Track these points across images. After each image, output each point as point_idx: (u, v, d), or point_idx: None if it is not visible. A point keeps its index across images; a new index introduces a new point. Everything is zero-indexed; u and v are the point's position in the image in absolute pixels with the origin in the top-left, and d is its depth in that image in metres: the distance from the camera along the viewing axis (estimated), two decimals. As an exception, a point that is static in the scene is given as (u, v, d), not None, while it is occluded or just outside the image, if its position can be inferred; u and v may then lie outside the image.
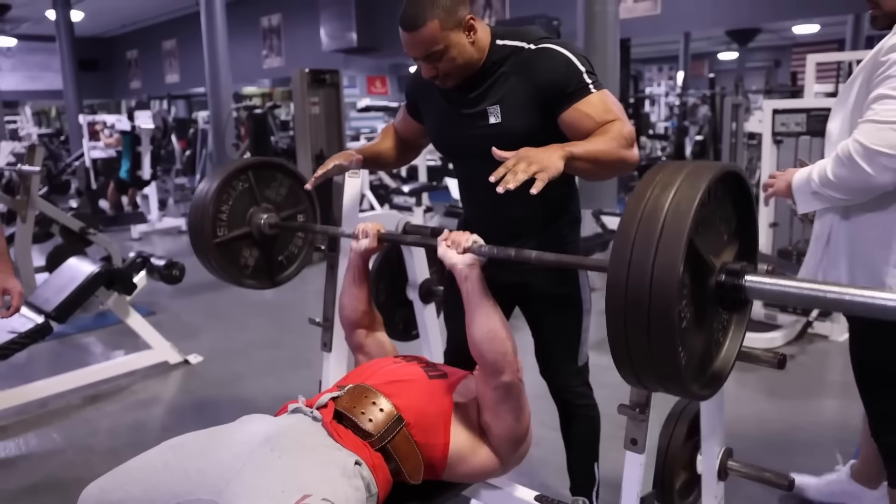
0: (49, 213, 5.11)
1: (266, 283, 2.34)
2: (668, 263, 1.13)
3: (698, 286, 1.26)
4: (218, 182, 2.14)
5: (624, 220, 1.21)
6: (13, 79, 19.09)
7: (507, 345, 1.63)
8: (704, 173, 1.22)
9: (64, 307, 3.43)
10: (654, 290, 1.14)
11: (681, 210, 1.16)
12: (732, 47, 17.35)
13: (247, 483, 1.38)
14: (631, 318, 1.18)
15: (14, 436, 3.22)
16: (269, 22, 14.62)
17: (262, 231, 2.24)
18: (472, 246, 1.68)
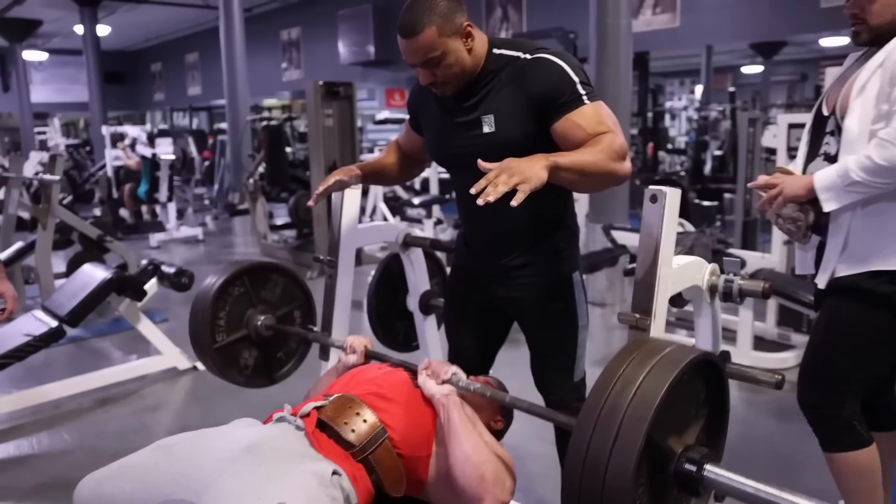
0: (68, 220, 5.22)
1: (265, 382, 2.39)
2: (622, 469, 1.14)
3: (657, 472, 1.25)
4: (215, 290, 2.20)
5: (583, 413, 1.23)
6: (44, 91, 19.49)
7: (483, 468, 1.58)
8: (670, 369, 1.22)
9: (76, 312, 3.51)
10: (605, 492, 1.15)
11: (638, 415, 1.16)
12: (757, 60, 17.13)
13: (225, 488, 1.42)
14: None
15: (28, 435, 3.31)
16: (288, 35, 14.80)
17: (259, 332, 2.29)
18: (450, 378, 1.72)
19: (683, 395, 1.28)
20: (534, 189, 1.49)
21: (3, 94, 19.33)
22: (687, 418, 1.32)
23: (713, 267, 1.76)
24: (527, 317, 2.01)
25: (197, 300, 2.23)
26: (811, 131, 2.04)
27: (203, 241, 8.97)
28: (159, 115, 22.50)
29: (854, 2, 1.87)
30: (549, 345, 1.99)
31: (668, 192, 1.51)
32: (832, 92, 1.98)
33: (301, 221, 7.70)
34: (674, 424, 1.27)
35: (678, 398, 1.25)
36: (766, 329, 4.28)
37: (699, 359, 1.29)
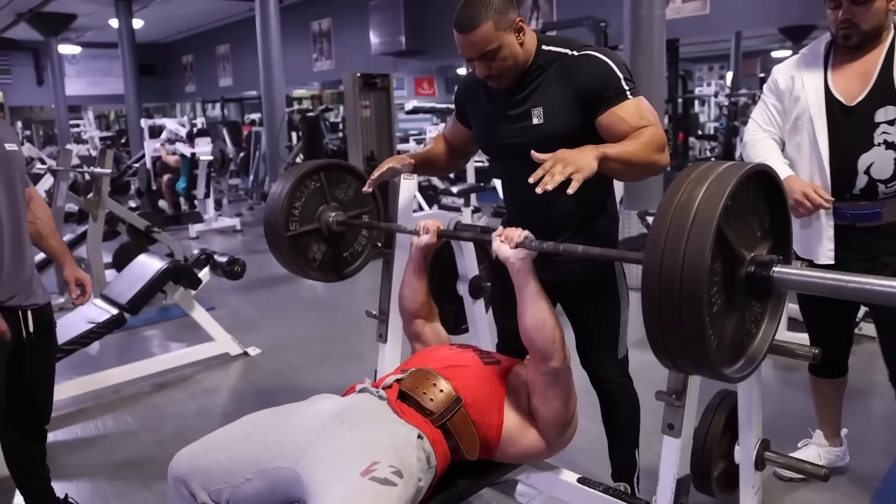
0: (117, 212, 5.40)
1: (332, 276, 2.48)
2: (699, 250, 1.23)
3: (729, 275, 1.35)
4: (292, 181, 2.30)
5: (659, 211, 1.32)
6: (77, 84, 19.84)
7: (555, 333, 1.74)
8: (735, 171, 1.32)
9: (136, 300, 3.67)
10: (685, 274, 1.23)
11: (711, 202, 1.26)
12: (786, 45, 16.93)
13: (321, 452, 1.54)
14: (664, 302, 1.27)
15: (93, 418, 3.48)
16: (319, 26, 14.92)
17: (330, 227, 2.38)
18: (523, 241, 1.80)
19: (748, 207, 1.39)
20: (586, 178, 1.61)
21: (38, 87, 19.71)
22: (753, 236, 1.43)
23: None
24: (571, 298, 2.12)
25: (274, 191, 2.32)
26: (829, 121, 2.18)
27: (241, 231, 9.16)
28: (189, 106, 22.75)
29: (846, 9, 2.11)
30: (594, 324, 2.11)
31: None
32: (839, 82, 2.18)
33: (337, 210, 7.82)
34: (743, 232, 1.38)
35: (743, 206, 1.36)
36: (796, 310, 4.32)
37: (759, 167, 1.41)
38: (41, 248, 2.51)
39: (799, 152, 2.28)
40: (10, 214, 2.18)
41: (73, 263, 2.52)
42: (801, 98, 2.24)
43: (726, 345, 1.39)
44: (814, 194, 2.14)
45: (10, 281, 2.16)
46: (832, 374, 2.58)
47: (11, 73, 19.56)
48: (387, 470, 1.47)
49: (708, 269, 1.23)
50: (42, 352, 2.34)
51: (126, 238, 5.77)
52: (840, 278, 1.35)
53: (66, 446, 3.18)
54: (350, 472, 1.47)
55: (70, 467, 2.98)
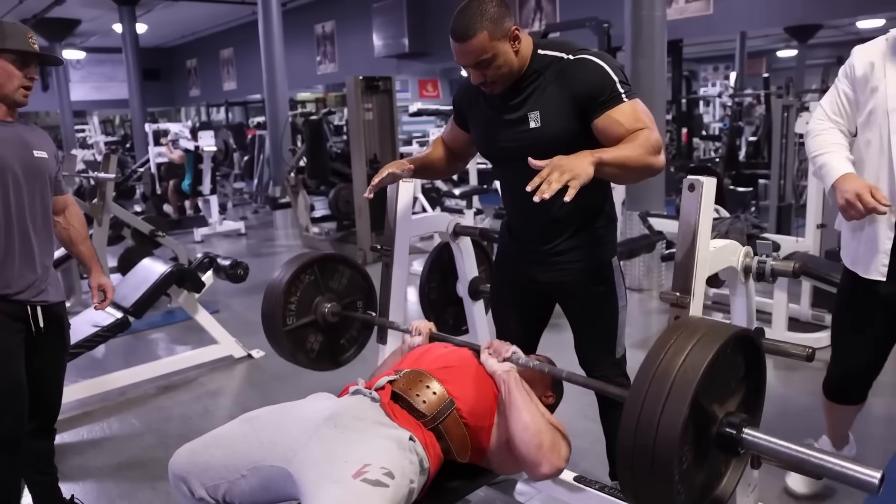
0: (122, 216, 5.44)
1: (329, 365, 2.54)
2: (672, 425, 1.26)
3: (700, 434, 1.37)
4: (289, 276, 2.35)
5: (639, 375, 1.35)
6: (82, 89, 19.89)
7: (541, 437, 1.73)
8: (715, 341, 1.34)
9: (141, 303, 3.71)
10: (658, 441, 1.27)
11: (688, 377, 1.29)
12: (791, 44, 16.88)
13: (314, 453, 1.57)
14: (637, 458, 1.31)
15: (99, 420, 3.52)
16: (322, 29, 14.96)
17: (326, 319, 2.43)
18: (510, 356, 1.87)
19: (725, 367, 1.40)
20: (583, 184, 1.62)
21: (43, 93, 19.79)
22: (728, 389, 1.44)
23: (747, 249, 1.90)
24: (569, 299, 2.15)
25: (271, 285, 2.37)
26: None
27: (245, 235, 9.21)
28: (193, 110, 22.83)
29: None
30: (592, 325, 2.13)
31: (705, 182, 1.67)
32: None
33: (341, 214, 7.87)
34: (716, 393, 1.39)
35: (721, 369, 1.37)
36: (800, 311, 4.36)
37: (741, 333, 1.42)
38: (72, 252, 2.65)
39: (868, 151, 2.03)
40: (27, 217, 2.27)
41: (100, 270, 2.62)
42: (880, 90, 1.97)
43: (695, 492, 1.41)
44: (868, 196, 1.89)
45: (19, 275, 2.24)
46: (850, 401, 2.42)
47: (18, 79, 19.62)
48: (378, 472, 1.50)
49: (679, 443, 1.27)
50: (52, 348, 2.40)
51: (131, 242, 5.81)
52: (805, 452, 1.37)
53: (72, 448, 3.22)
54: (342, 473, 1.49)
55: (76, 468, 3.02)
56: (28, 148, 2.28)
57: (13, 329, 2.23)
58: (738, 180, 8.39)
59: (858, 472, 1.29)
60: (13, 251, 2.23)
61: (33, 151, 2.29)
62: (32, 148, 2.29)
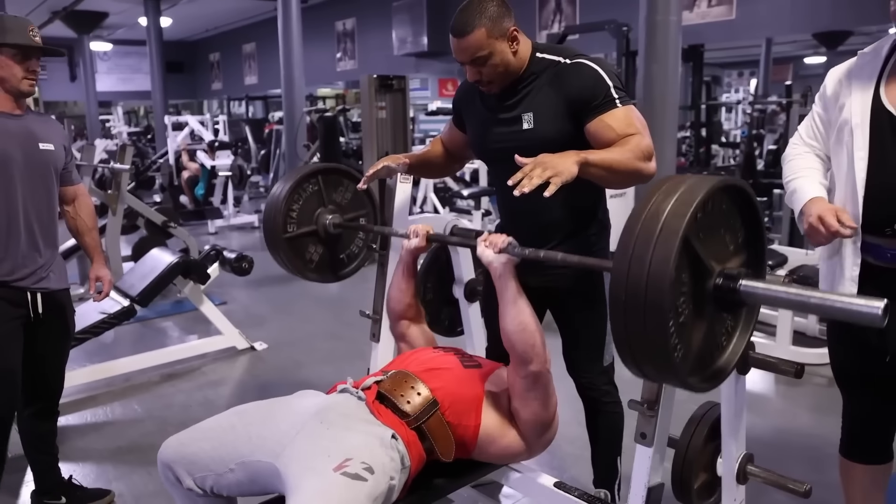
0: (136, 207, 5.52)
1: (328, 277, 2.54)
2: (664, 259, 1.26)
3: (698, 287, 1.36)
4: (291, 183, 2.35)
5: (629, 220, 1.34)
6: (108, 80, 20.18)
7: (535, 337, 1.78)
8: (705, 184, 1.34)
9: (147, 292, 3.78)
10: (650, 282, 1.26)
11: (679, 213, 1.29)
12: (820, 51, 16.61)
13: (299, 448, 1.61)
14: (630, 309, 1.29)
15: (103, 404, 3.61)
16: (343, 26, 15.03)
17: (327, 230, 2.43)
18: (506, 246, 1.85)
19: (720, 220, 1.41)
20: (565, 182, 1.64)
21: (71, 83, 20.07)
22: (725, 250, 1.44)
23: None
24: (559, 304, 2.16)
25: (273, 193, 2.39)
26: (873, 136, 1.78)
27: (258, 228, 9.27)
28: (216, 103, 23.00)
29: None
30: (580, 331, 2.14)
31: None
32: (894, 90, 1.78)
33: (353, 210, 7.90)
34: (713, 247, 1.39)
35: (715, 219, 1.38)
36: (807, 325, 4.31)
37: (733, 181, 1.43)
38: (78, 242, 2.70)
39: (838, 171, 1.86)
40: (30, 207, 2.32)
41: (101, 262, 2.67)
42: (846, 106, 1.83)
43: (693, 355, 1.40)
44: (831, 219, 1.73)
45: (21, 264, 2.30)
46: (871, 458, 2.03)
47: (46, 69, 19.83)
48: (358, 466, 1.52)
49: (672, 277, 1.25)
50: (54, 334, 2.46)
51: (145, 232, 5.89)
52: (803, 293, 1.35)
53: (75, 430, 3.31)
54: (324, 466, 1.52)
55: (78, 450, 3.09)
56: (34, 140, 2.33)
57: (10, 315, 2.29)
58: (754, 189, 8.28)
59: (860, 305, 1.25)
60: (16, 240, 2.29)
61: (39, 144, 2.34)
62: (38, 140, 2.34)
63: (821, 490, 1.95)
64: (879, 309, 1.22)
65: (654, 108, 5.35)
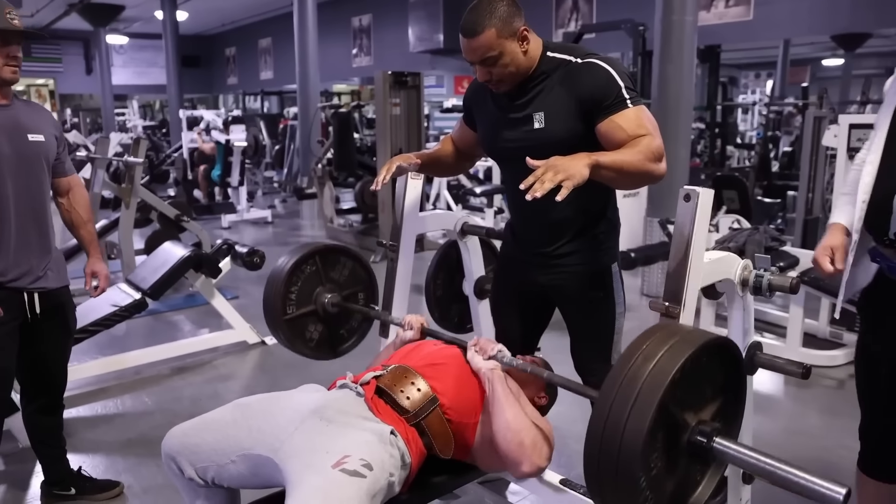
0: (149, 200, 5.55)
1: (327, 354, 2.55)
2: (637, 430, 1.26)
3: (671, 441, 1.36)
4: (289, 266, 2.37)
5: (607, 381, 1.35)
6: (123, 74, 20.31)
7: (521, 435, 1.75)
8: (685, 349, 1.33)
9: (158, 286, 3.80)
10: (622, 450, 1.27)
11: (656, 382, 1.29)
12: (838, 53, 16.45)
13: (298, 444, 1.62)
14: (603, 466, 1.31)
15: (113, 397, 3.63)
16: (359, 22, 15.05)
17: (325, 309, 2.45)
18: (496, 354, 1.88)
19: (699, 375, 1.39)
20: (577, 185, 1.62)
21: (87, 76, 20.21)
22: (703, 398, 1.42)
23: (746, 262, 1.88)
24: (568, 303, 2.15)
25: (272, 274, 2.41)
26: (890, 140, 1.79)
27: (272, 223, 9.32)
28: (231, 98, 23.09)
29: None
30: (588, 330, 2.13)
31: (702, 192, 1.63)
32: None
33: (366, 206, 7.93)
34: (690, 400, 1.38)
35: (695, 376, 1.36)
36: (818, 327, 4.29)
37: (716, 340, 1.40)
38: (74, 235, 2.63)
39: None
40: (21, 203, 2.25)
41: (97, 256, 2.61)
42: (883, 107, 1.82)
43: (665, 498, 1.39)
44: (822, 259, 1.89)
45: (14, 263, 2.24)
46: (890, 477, 1.96)
47: (62, 62, 20.07)
48: (357, 463, 1.53)
49: (643, 450, 1.26)
50: (54, 333, 2.43)
51: (158, 226, 5.92)
52: (773, 464, 1.35)
53: (85, 422, 3.33)
54: (323, 463, 1.53)
55: (88, 441, 3.12)
56: (22, 132, 2.25)
57: (5, 318, 2.23)
58: (768, 191, 8.27)
59: (823, 487, 1.28)
60: (8, 238, 2.22)
61: (28, 135, 2.26)
62: (27, 132, 2.26)
63: (829, 493, 1.96)
64: (841, 495, 1.25)
65: (668, 109, 5.33)
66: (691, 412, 1.39)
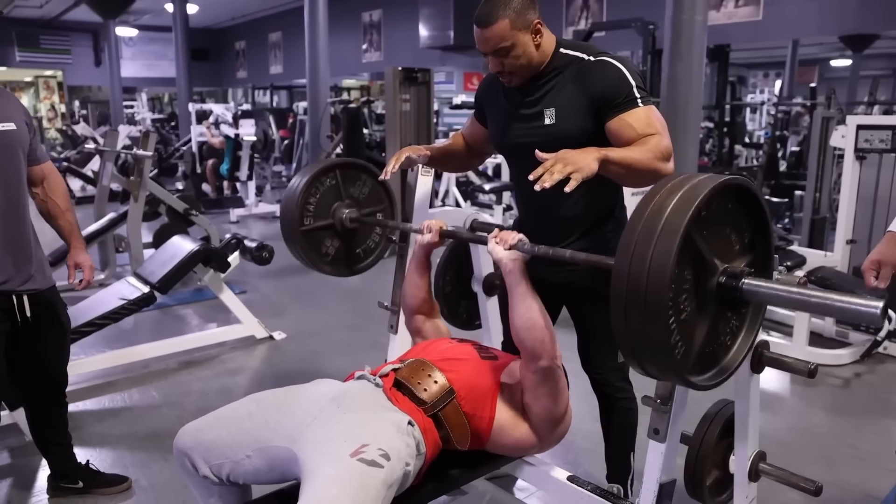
0: (158, 194, 5.56)
1: (343, 271, 2.54)
2: (664, 253, 1.26)
3: (701, 284, 1.36)
4: (308, 177, 2.36)
5: (632, 217, 1.35)
6: (132, 66, 20.33)
7: (544, 333, 1.78)
8: (709, 182, 1.34)
9: (166, 280, 3.81)
10: (650, 279, 1.26)
11: (681, 209, 1.29)
12: (846, 54, 16.44)
13: (316, 434, 1.62)
14: (630, 305, 1.29)
15: (121, 390, 3.64)
16: (370, 17, 15.05)
17: (343, 224, 2.44)
18: (517, 243, 1.86)
19: (725, 218, 1.40)
20: (585, 178, 1.64)
21: (96, 68, 20.25)
22: (731, 249, 1.44)
23: None
24: (575, 300, 2.17)
25: (291, 185, 2.40)
26: None
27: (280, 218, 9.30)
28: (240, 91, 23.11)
29: None
30: (596, 327, 2.15)
31: None
32: None
33: (374, 202, 7.93)
34: (717, 245, 1.39)
35: (720, 217, 1.37)
36: (824, 326, 4.30)
37: (740, 181, 1.41)
38: (52, 226, 2.53)
39: None
40: (2, 199, 2.16)
41: (79, 247, 2.52)
42: None
43: (695, 353, 1.39)
44: (868, 273, 1.94)
45: (1, 264, 2.18)
46: None
47: (71, 54, 20.12)
48: (375, 452, 1.53)
49: (671, 273, 1.25)
50: (44, 334, 2.37)
51: (166, 219, 5.94)
52: (805, 293, 1.35)
53: (93, 415, 3.34)
54: (340, 452, 1.53)
55: (95, 435, 3.12)
56: None
57: None
58: (776, 190, 8.25)
59: (859, 305, 1.27)
60: None
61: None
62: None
63: (832, 489, 1.95)
64: (878, 309, 1.24)
65: (677, 107, 5.35)
66: (719, 258, 1.40)
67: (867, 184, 4.45)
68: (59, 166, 10.83)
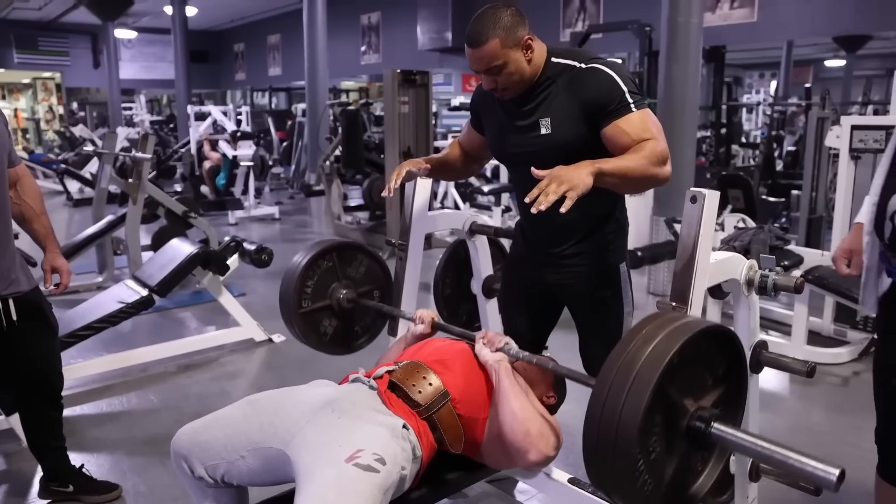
0: (156, 196, 5.56)
1: (342, 350, 2.56)
2: (634, 409, 1.27)
3: (670, 426, 1.37)
4: (306, 261, 2.39)
5: (605, 366, 1.36)
6: (131, 68, 20.32)
7: (528, 424, 1.76)
8: (682, 334, 1.34)
9: (165, 283, 3.81)
10: (619, 432, 1.28)
11: (653, 364, 1.29)
12: (840, 55, 16.53)
13: (309, 438, 1.63)
14: (600, 451, 1.32)
15: (119, 394, 3.64)
16: (368, 20, 15.06)
17: (340, 304, 2.47)
18: (503, 347, 1.90)
19: (699, 361, 1.40)
20: (580, 195, 1.65)
21: (94, 70, 20.24)
22: (704, 386, 1.43)
23: (751, 262, 1.90)
24: (576, 302, 2.18)
25: (289, 268, 2.42)
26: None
27: (279, 220, 9.33)
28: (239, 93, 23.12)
29: None
30: (596, 329, 2.15)
31: (708, 195, 1.67)
32: None
33: (374, 204, 7.95)
34: (689, 385, 1.39)
35: (694, 361, 1.37)
36: (822, 325, 4.32)
37: (714, 328, 1.41)
38: (25, 230, 2.49)
39: None
40: None
41: (56, 251, 2.48)
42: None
43: (665, 485, 1.40)
44: (840, 261, 2.01)
45: None
46: None
47: (70, 56, 20.09)
48: (370, 457, 1.54)
49: (640, 431, 1.27)
50: (33, 337, 2.35)
51: (165, 222, 5.94)
52: (769, 447, 1.35)
53: (90, 420, 3.34)
54: (336, 457, 1.54)
55: (92, 440, 3.12)
56: None
57: None
58: (773, 190, 8.28)
59: (818, 469, 1.28)
60: None
61: None
62: None
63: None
64: (834, 476, 1.26)
65: (674, 108, 5.38)
66: (690, 398, 1.40)
67: (862, 183, 4.46)
68: (58, 168, 10.84)
